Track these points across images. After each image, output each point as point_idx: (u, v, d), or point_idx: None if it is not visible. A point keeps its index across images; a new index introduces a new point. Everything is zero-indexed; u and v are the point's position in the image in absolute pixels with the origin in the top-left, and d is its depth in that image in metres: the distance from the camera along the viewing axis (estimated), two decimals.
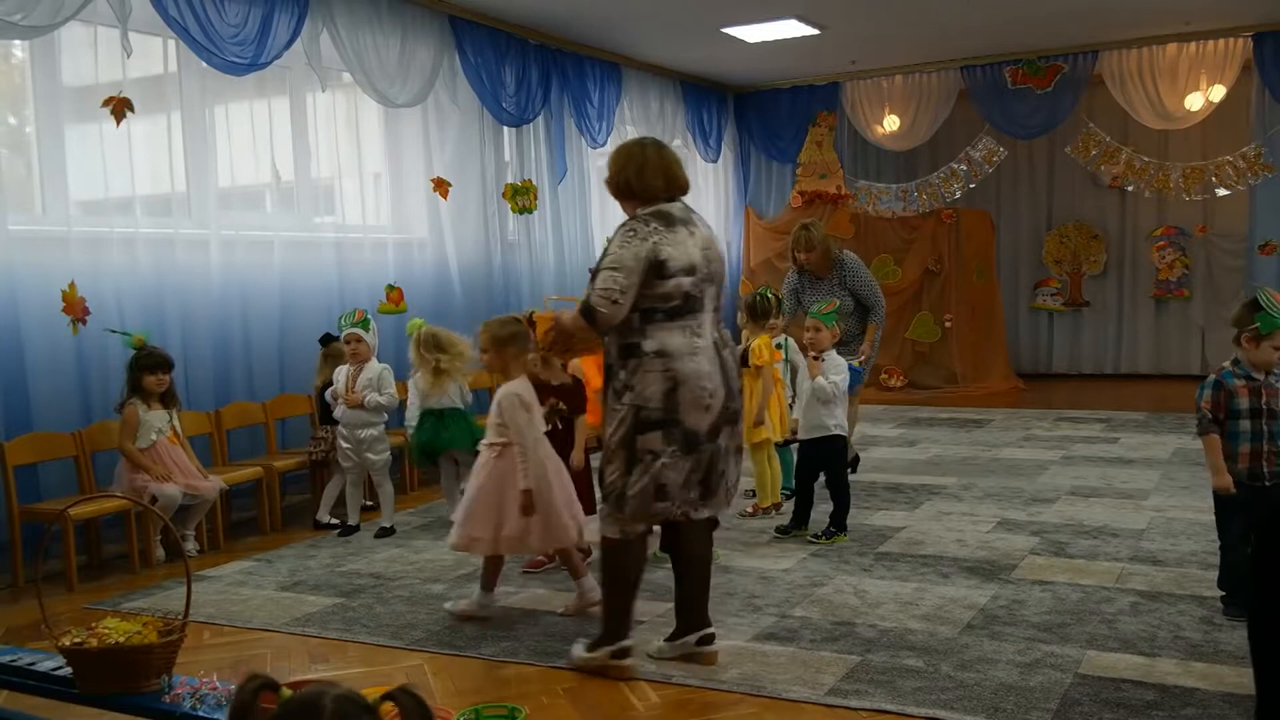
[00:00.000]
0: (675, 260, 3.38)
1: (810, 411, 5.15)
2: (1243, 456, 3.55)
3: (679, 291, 3.39)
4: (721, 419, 3.47)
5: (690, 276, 3.40)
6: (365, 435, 5.56)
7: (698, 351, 3.40)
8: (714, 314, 3.52)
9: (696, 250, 3.44)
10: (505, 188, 8.19)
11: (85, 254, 5.40)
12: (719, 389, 3.44)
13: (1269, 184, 9.31)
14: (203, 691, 2.56)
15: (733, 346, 3.59)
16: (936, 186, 10.74)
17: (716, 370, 3.44)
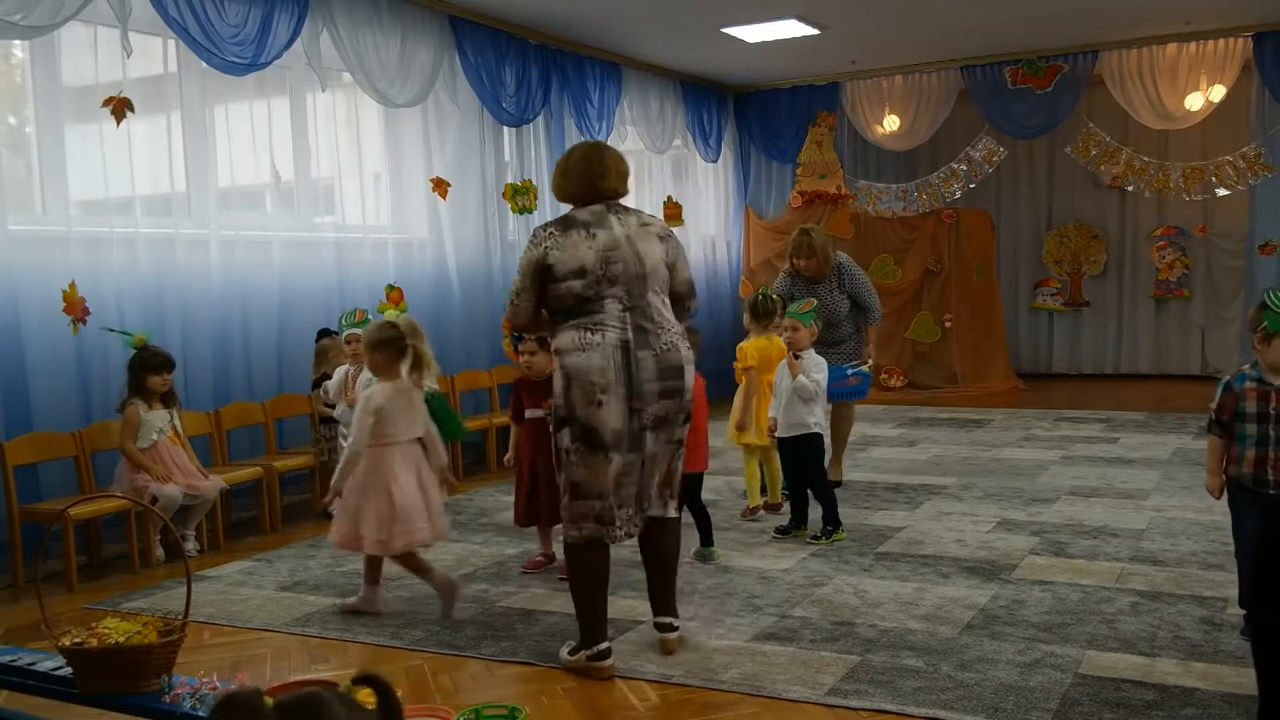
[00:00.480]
0: (563, 264, 3.51)
1: (791, 410, 5.14)
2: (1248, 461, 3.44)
3: (570, 293, 3.50)
4: (634, 421, 3.49)
5: (581, 279, 3.49)
6: None
7: (587, 348, 3.46)
8: (628, 312, 3.51)
9: (590, 253, 3.51)
10: (505, 188, 8.19)
11: (85, 254, 5.40)
12: (614, 385, 3.45)
13: (1269, 184, 9.30)
14: (203, 691, 2.57)
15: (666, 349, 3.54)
16: (936, 186, 10.74)
17: (613, 368, 3.45)
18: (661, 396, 3.52)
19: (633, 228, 3.64)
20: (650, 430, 3.53)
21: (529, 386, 4.67)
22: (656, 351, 3.52)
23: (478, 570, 4.86)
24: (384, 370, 4.23)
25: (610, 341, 3.47)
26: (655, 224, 3.74)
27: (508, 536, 5.47)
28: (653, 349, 3.52)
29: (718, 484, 6.61)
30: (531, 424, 4.65)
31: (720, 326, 11.16)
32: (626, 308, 3.52)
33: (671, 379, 3.55)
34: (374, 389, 4.21)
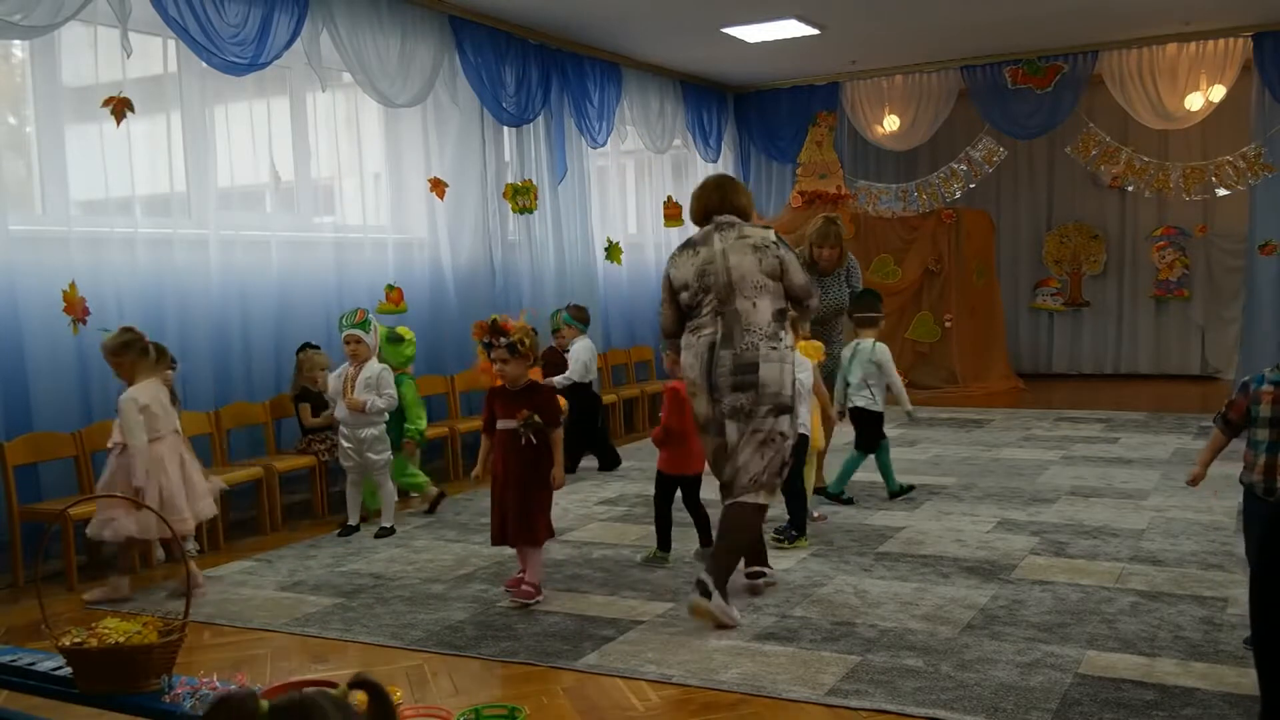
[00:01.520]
0: (677, 279, 4.15)
1: None
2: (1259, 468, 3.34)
3: (683, 303, 4.14)
4: (715, 410, 4.02)
5: (686, 291, 4.11)
6: (366, 435, 5.56)
7: (689, 347, 4.09)
8: (719, 316, 4.02)
9: (691, 269, 4.09)
10: (506, 188, 8.19)
11: (85, 254, 5.40)
12: (700, 379, 4.03)
13: (1269, 184, 9.30)
14: (203, 691, 2.56)
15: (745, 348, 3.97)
16: (936, 186, 10.74)
17: (698, 363, 4.03)
18: (734, 390, 3.98)
19: (729, 242, 4.08)
20: (728, 419, 4.01)
21: (503, 396, 4.33)
22: (736, 350, 3.98)
23: (478, 570, 4.86)
24: (132, 371, 4.56)
25: (703, 342, 4.03)
26: (754, 236, 4.10)
27: None
28: (733, 348, 3.98)
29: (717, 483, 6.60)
30: (503, 436, 4.28)
31: None
32: (718, 313, 4.03)
33: (745, 374, 3.97)
34: (135, 389, 4.51)
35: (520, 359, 4.24)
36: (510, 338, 4.21)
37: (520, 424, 4.19)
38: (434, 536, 5.54)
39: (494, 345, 4.24)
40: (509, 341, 4.20)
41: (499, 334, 4.23)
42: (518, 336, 4.22)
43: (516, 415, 4.20)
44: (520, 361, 4.24)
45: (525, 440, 4.21)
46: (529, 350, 4.26)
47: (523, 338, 4.23)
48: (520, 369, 4.26)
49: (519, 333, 4.24)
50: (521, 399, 4.26)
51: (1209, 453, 3.58)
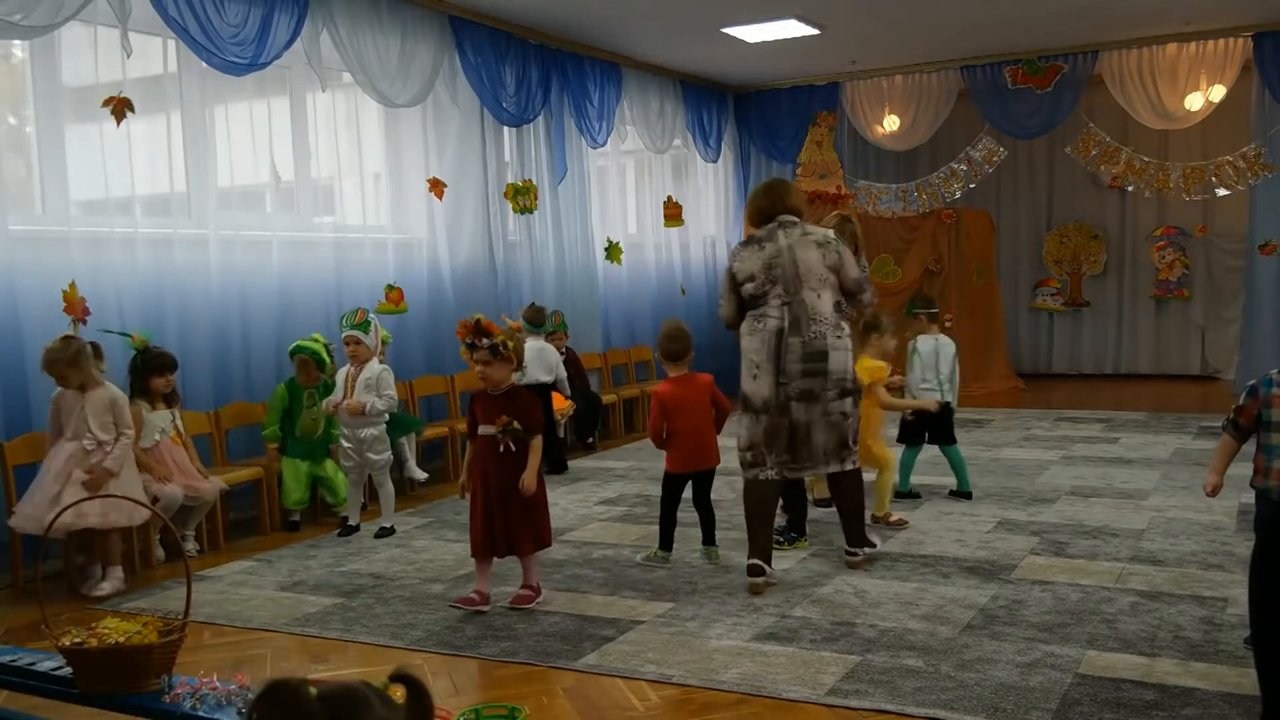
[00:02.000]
0: (742, 272, 4.46)
1: None
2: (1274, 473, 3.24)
3: (747, 293, 4.44)
4: (783, 393, 4.34)
5: (752, 282, 4.42)
6: (366, 435, 5.56)
7: (753, 333, 4.41)
8: (786, 306, 4.36)
9: (758, 262, 4.42)
10: (507, 187, 8.19)
11: (85, 254, 5.40)
12: (765, 363, 4.35)
13: (1269, 184, 9.30)
14: (203, 691, 2.56)
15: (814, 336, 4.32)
16: (936, 186, 10.74)
17: (765, 349, 4.35)
18: (805, 375, 4.33)
19: (795, 238, 4.44)
20: (796, 401, 4.34)
21: (484, 400, 4.20)
22: (804, 338, 4.32)
23: None
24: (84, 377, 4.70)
25: (769, 329, 4.35)
26: (816, 234, 4.51)
27: None
28: (801, 336, 4.33)
29: (718, 484, 6.59)
30: (484, 442, 4.16)
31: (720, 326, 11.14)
32: (785, 303, 4.36)
33: (815, 361, 4.33)
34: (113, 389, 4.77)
35: (503, 362, 4.11)
36: (493, 339, 4.09)
37: (499, 430, 4.07)
38: (434, 537, 5.54)
39: (476, 346, 4.11)
40: (491, 343, 4.08)
41: (482, 334, 4.10)
42: (501, 338, 4.10)
43: (496, 421, 4.09)
44: (503, 365, 4.12)
45: (504, 447, 4.09)
46: (512, 353, 4.13)
47: (506, 340, 4.11)
48: (503, 372, 4.14)
49: (503, 335, 4.12)
50: (502, 404, 4.13)
51: (1222, 460, 3.45)
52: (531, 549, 4.23)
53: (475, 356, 4.14)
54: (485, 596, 4.24)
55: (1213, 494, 3.50)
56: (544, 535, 4.27)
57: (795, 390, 4.32)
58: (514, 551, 4.20)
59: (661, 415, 4.75)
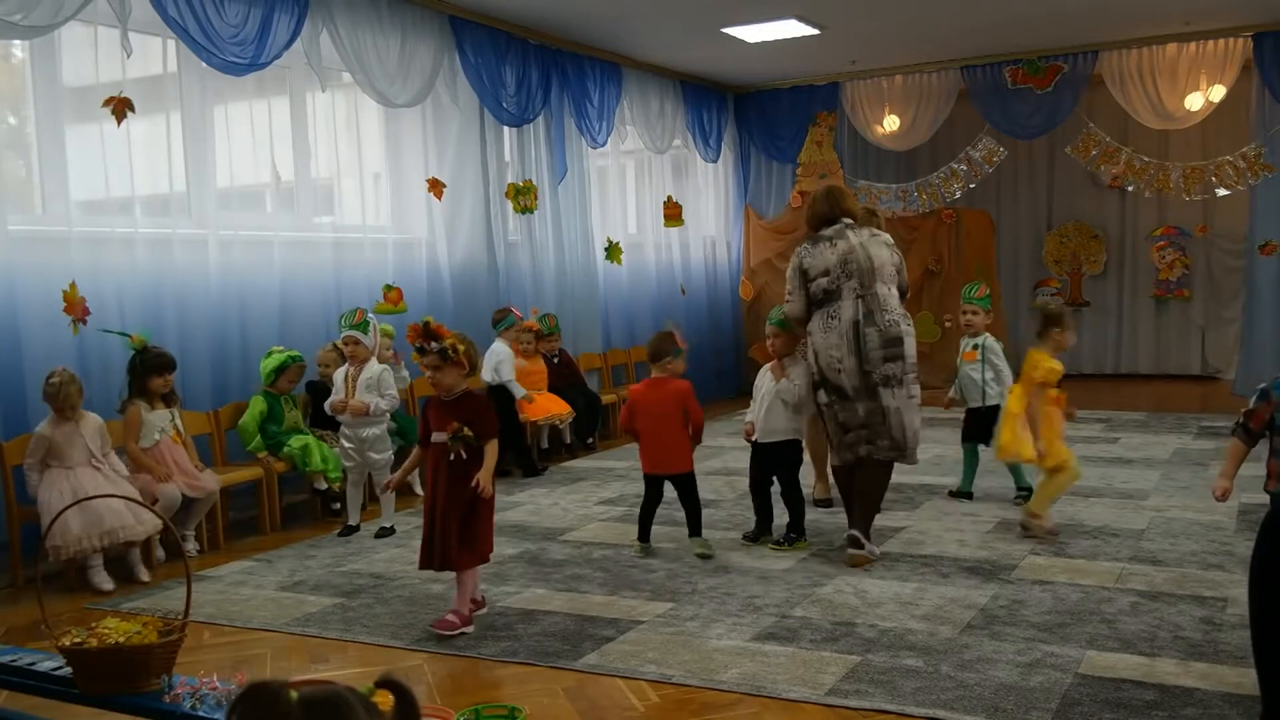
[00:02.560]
0: (814, 268, 4.73)
1: (772, 415, 5.06)
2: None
3: (819, 289, 4.72)
4: (867, 381, 4.64)
5: (825, 276, 4.71)
6: (368, 435, 5.56)
7: (828, 330, 4.70)
8: (860, 299, 4.66)
9: (834, 257, 4.70)
10: (508, 187, 8.19)
11: (85, 254, 5.40)
12: (847, 357, 4.65)
13: (1269, 184, 9.30)
14: (203, 691, 2.56)
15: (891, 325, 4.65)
16: (936, 186, 10.74)
17: (844, 341, 4.65)
18: (886, 360, 4.64)
19: (864, 238, 4.78)
20: (882, 386, 4.65)
21: (436, 406, 4.05)
22: (880, 328, 4.64)
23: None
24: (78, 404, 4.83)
25: (845, 321, 4.65)
26: (882, 235, 4.87)
27: (506, 536, 5.47)
28: (877, 326, 4.64)
29: (717, 483, 6.61)
30: (436, 449, 4.00)
31: (720, 326, 11.18)
32: (859, 295, 4.67)
33: (893, 347, 4.66)
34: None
35: (453, 366, 3.96)
36: (442, 343, 3.94)
37: (449, 437, 3.91)
38: None
39: (425, 350, 3.97)
40: (440, 347, 3.93)
41: (431, 338, 3.95)
42: (450, 342, 3.94)
43: (448, 427, 3.93)
44: (453, 369, 3.96)
45: (454, 455, 3.92)
46: (463, 358, 3.97)
47: (455, 344, 3.96)
48: (453, 377, 3.98)
49: (452, 338, 3.97)
50: (453, 410, 3.98)
51: (1232, 464, 3.41)
52: (468, 563, 3.99)
53: (425, 361, 4.01)
54: (477, 603, 4.15)
55: (1222, 498, 3.47)
56: (482, 548, 4.04)
57: (880, 376, 4.64)
58: (448, 565, 3.97)
59: (628, 412, 5.05)
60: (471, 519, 3.97)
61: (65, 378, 4.81)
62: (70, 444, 4.82)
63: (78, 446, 4.84)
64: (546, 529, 5.62)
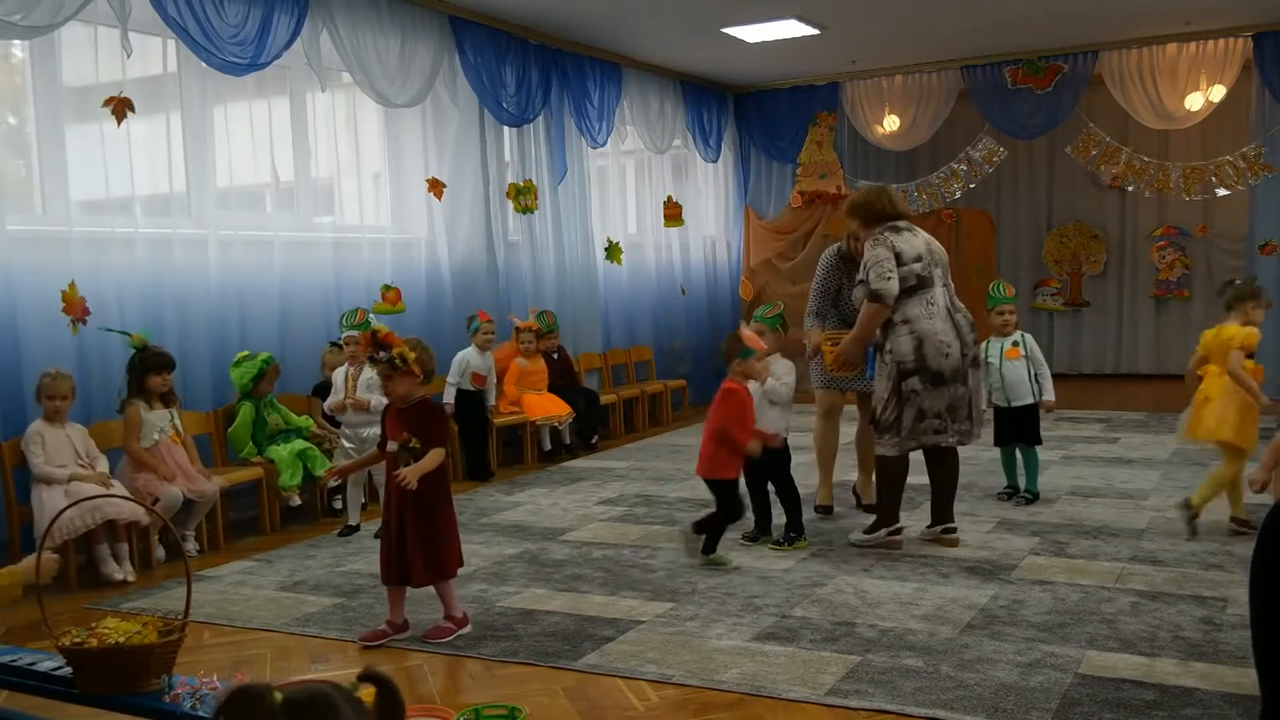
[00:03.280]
0: (907, 252, 4.77)
1: (760, 416, 4.94)
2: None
3: (912, 273, 4.75)
4: (963, 364, 4.79)
5: (919, 262, 4.77)
6: (369, 435, 5.55)
7: (931, 316, 4.74)
8: (946, 288, 4.85)
9: (922, 244, 4.83)
10: (509, 187, 8.19)
11: (85, 254, 5.40)
12: (954, 341, 4.76)
13: (1269, 184, 9.30)
14: (203, 691, 2.56)
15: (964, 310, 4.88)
16: (936, 186, 10.73)
17: (948, 326, 4.77)
18: (974, 343, 4.90)
19: (923, 235, 4.93)
20: (972, 369, 4.88)
21: (391, 414, 3.96)
22: (962, 312, 4.87)
23: (478, 570, 4.85)
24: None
25: (940, 307, 4.78)
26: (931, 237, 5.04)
27: (506, 536, 5.47)
28: (961, 312, 4.87)
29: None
30: (389, 459, 3.92)
31: (720, 326, 11.16)
32: (945, 284, 4.86)
33: (973, 331, 4.90)
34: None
35: (404, 375, 3.82)
36: (391, 352, 3.81)
37: (398, 447, 3.82)
38: None
39: (375, 359, 3.87)
40: (388, 356, 3.80)
41: (379, 347, 3.84)
42: (398, 351, 3.81)
43: (399, 436, 3.83)
44: (405, 379, 3.82)
45: (402, 465, 3.80)
46: (413, 366, 3.82)
47: (404, 352, 3.81)
48: (405, 386, 3.84)
49: (401, 346, 3.83)
50: (405, 419, 3.87)
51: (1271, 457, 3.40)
52: (425, 580, 3.88)
53: (376, 370, 3.96)
54: (397, 626, 3.95)
55: (1260, 490, 3.50)
56: (443, 565, 3.92)
57: (971, 358, 4.85)
58: (407, 581, 3.88)
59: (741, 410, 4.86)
60: (431, 531, 3.86)
61: (63, 374, 4.90)
62: (59, 446, 4.85)
63: (66, 450, 4.88)
64: (546, 529, 5.62)
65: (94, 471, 4.93)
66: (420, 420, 3.87)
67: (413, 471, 3.75)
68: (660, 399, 9.58)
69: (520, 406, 7.61)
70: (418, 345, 3.91)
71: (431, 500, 3.87)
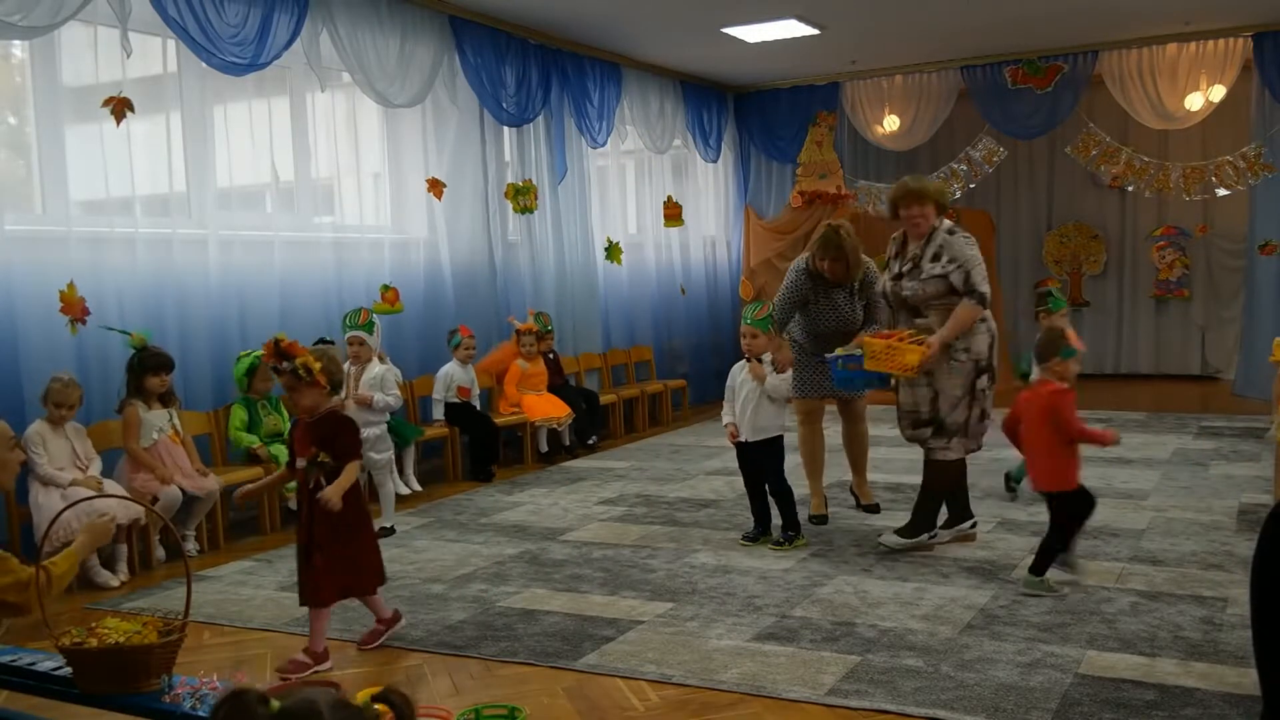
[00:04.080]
0: None
1: (760, 413, 4.96)
2: None
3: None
4: None
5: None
6: (369, 435, 5.53)
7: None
8: None
9: None
10: (507, 187, 8.19)
11: (85, 254, 5.40)
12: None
13: (1269, 184, 9.30)
14: (203, 691, 2.56)
15: None
16: None
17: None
18: None
19: None
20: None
21: (299, 428, 3.77)
22: None
23: (478, 570, 4.86)
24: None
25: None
26: None
27: (507, 536, 5.47)
28: None
29: (718, 483, 6.61)
30: (302, 475, 3.72)
31: (720, 325, 11.16)
32: None
33: None
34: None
35: (309, 387, 3.62)
36: (294, 362, 3.60)
37: (306, 463, 3.65)
38: (434, 537, 5.54)
39: (279, 370, 3.67)
40: (292, 367, 3.60)
41: (282, 357, 3.62)
42: (302, 361, 3.60)
43: (306, 453, 3.65)
44: (311, 390, 3.62)
45: (314, 482, 3.64)
46: (319, 377, 3.61)
47: (309, 363, 3.59)
48: (312, 399, 3.65)
49: (305, 357, 3.62)
50: (314, 432, 3.67)
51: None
52: (334, 598, 3.72)
53: (281, 381, 3.75)
54: (317, 656, 3.71)
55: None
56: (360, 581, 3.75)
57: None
58: (319, 600, 3.69)
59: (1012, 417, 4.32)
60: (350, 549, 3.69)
61: (71, 378, 4.91)
62: (59, 449, 4.86)
63: (65, 452, 4.88)
64: (546, 529, 5.62)
65: (89, 475, 4.93)
66: (329, 433, 3.67)
67: (334, 491, 3.59)
68: (660, 399, 9.58)
69: (520, 408, 7.62)
70: (323, 355, 3.70)
71: (349, 518, 3.67)
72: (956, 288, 4.66)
